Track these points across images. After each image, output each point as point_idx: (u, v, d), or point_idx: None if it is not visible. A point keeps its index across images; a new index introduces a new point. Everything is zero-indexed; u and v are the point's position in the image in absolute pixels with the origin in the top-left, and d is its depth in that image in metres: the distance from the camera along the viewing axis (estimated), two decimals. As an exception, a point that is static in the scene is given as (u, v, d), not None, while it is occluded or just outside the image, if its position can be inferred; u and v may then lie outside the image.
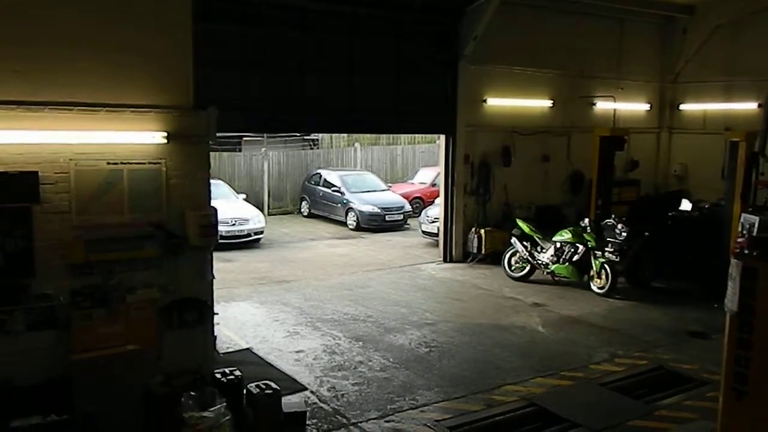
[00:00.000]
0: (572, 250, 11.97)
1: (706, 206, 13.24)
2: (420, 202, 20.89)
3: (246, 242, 15.93)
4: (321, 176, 21.02)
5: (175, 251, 6.66)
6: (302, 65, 11.92)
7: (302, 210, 21.59)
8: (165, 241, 6.60)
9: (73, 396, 6.03)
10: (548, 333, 9.78)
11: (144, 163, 6.59)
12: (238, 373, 6.72)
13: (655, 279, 12.29)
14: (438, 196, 15.60)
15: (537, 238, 12.48)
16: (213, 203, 7.15)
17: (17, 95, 5.94)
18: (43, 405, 5.89)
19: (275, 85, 11.62)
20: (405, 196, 20.50)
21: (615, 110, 15.79)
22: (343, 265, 14.14)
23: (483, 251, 13.90)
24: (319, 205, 20.73)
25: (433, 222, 15.79)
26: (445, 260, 14.28)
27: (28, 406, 5.84)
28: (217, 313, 7.74)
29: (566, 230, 12.14)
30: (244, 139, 24.04)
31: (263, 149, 22.19)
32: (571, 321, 10.33)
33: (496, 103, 14.27)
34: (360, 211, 18.87)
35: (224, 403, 5.96)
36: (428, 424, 6.85)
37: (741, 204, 10.84)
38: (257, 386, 6.49)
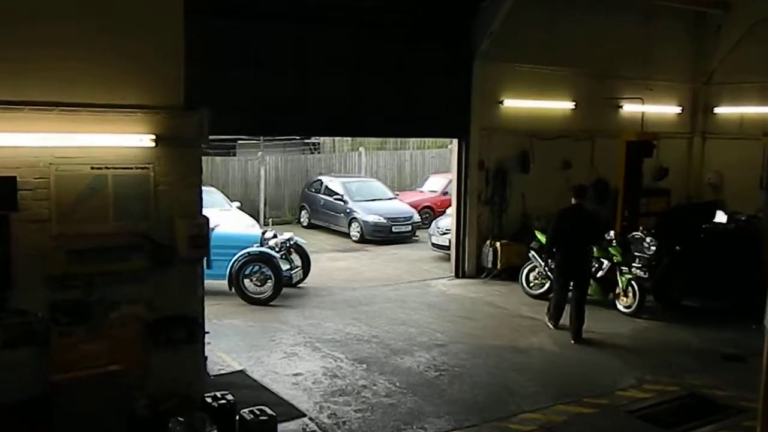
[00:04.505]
0: (596, 265, 11.92)
1: (743, 218, 13.18)
2: (430, 212, 20.89)
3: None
4: (322, 183, 21.07)
5: (164, 263, 6.68)
6: (304, 63, 11.97)
7: (301, 220, 21.62)
8: (152, 253, 6.62)
9: (51, 419, 6.04)
10: (569, 356, 9.73)
11: (130, 168, 6.63)
12: (230, 397, 6.71)
13: (687, 297, 12.22)
14: (449, 205, 15.61)
15: (557, 252, 12.43)
16: (204, 212, 7.17)
17: (-6, 95, 6.00)
18: (19, 427, 5.89)
19: (275, 85, 11.67)
20: (413, 205, 20.53)
21: (643, 113, 15.78)
22: (346, 280, 14.12)
23: (498, 266, 13.88)
24: (319, 214, 20.76)
25: (444, 234, 15.78)
26: (456, 276, 14.26)
27: (3, 427, 5.85)
28: (208, 332, 7.76)
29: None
30: (239, 142, 24.14)
31: (259, 153, 22.27)
32: (594, 343, 10.28)
33: (514, 104, 14.29)
34: (364, 222, 18.88)
35: (215, 430, 5.96)
36: (437, 455, 6.81)
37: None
38: (251, 412, 6.48)
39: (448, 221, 15.42)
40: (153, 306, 6.66)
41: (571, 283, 10.55)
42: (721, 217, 13.39)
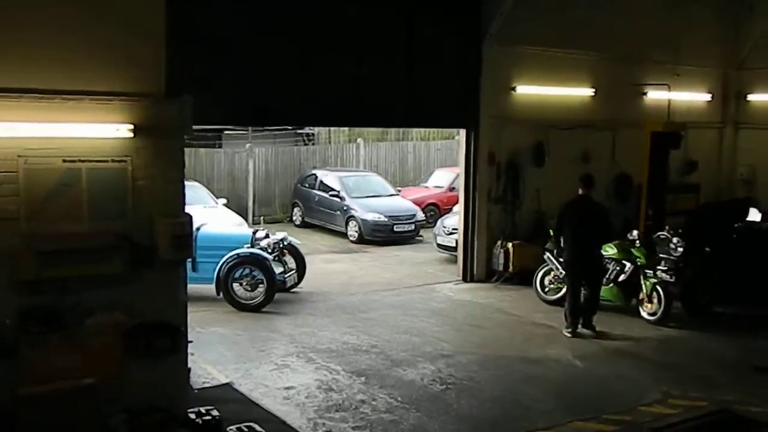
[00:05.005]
0: (617, 268, 11.94)
1: (779, 216, 13.21)
2: (435, 210, 20.92)
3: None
4: (317, 178, 21.07)
5: (143, 266, 6.70)
6: (299, 46, 11.90)
7: (294, 218, 21.63)
8: (131, 255, 6.64)
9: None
10: (588, 367, 9.74)
11: (106, 161, 6.64)
12: (216, 412, 6.73)
13: (717, 303, 12.23)
14: (457, 202, 15.61)
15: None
16: (188, 209, 7.18)
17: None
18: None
19: (266, 70, 11.61)
20: (417, 202, 20.54)
21: (669, 101, 15.78)
22: (343, 285, 14.13)
23: (510, 269, 13.88)
24: (314, 212, 20.78)
25: (451, 234, 15.79)
26: (464, 279, 14.28)
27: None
28: (191, 341, 7.77)
29: (610, 244, 12.11)
30: (225, 132, 24.15)
31: (248, 145, 22.28)
32: (615, 353, 10.28)
33: (528, 91, 14.29)
34: (363, 220, 18.90)
35: (199, 448, 5.99)
36: (443, 476, 6.83)
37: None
38: (239, 429, 6.50)
39: (455, 220, 15.42)
40: (132, 313, 6.68)
41: (583, 282, 10.66)
42: (755, 215, 13.41)
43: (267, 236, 12.94)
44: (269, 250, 12.57)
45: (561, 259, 11.65)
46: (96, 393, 6.37)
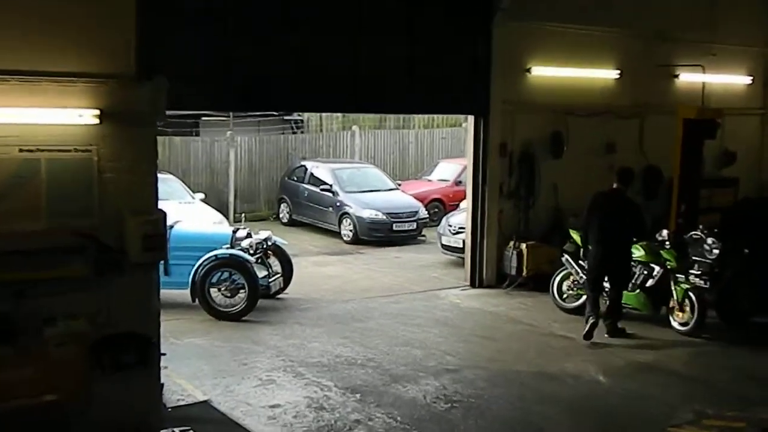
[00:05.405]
0: (645, 272, 11.94)
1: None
2: (440, 207, 20.96)
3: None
4: (306, 170, 21.11)
5: (111, 270, 6.70)
6: (287, 23, 11.89)
7: (281, 215, 21.68)
8: (97, 256, 6.65)
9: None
10: (611, 384, 9.75)
11: (69, 151, 6.65)
12: (192, 433, 6.74)
13: (758, 312, 12.24)
14: (464, 198, 15.63)
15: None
16: (161, 206, 7.18)
17: None
18: None
19: (252, 49, 11.61)
20: (419, 197, 20.59)
21: (704, 84, 15.80)
22: (336, 291, 14.14)
23: (524, 273, 13.90)
24: (303, 208, 20.80)
25: (458, 233, 15.81)
26: (472, 285, 14.30)
27: None
28: (164, 354, 7.77)
29: (637, 246, 12.12)
30: (204, 119, 24.15)
31: (229, 133, 22.27)
32: (642, 368, 10.30)
33: (544, 72, 14.30)
34: (359, 218, 18.93)
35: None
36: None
37: None
38: (217, 452, 6.51)
39: (461, 218, 15.44)
40: (98, 322, 6.68)
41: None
42: (800, 212, 13.42)
43: (249, 235, 12.95)
44: (251, 251, 12.58)
45: (584, 260, 11.69)
46: (56, 412, 6.37)
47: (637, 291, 11.99)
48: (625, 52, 15.14)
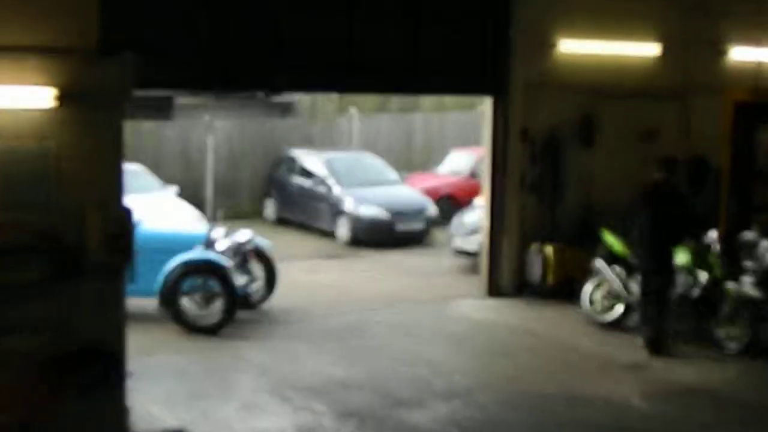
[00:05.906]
0: (690, 281, 11.96)
1: None
2: (451, 203, 20.86)
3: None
4: (296, 161, 21.13)
5: (70, 274, 6.71)
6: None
7: (266, 213, 21.70)
8: (53, 258, 6.65)
9: None
10: (649, 409, 9.75)
11: (22, 137, 6.64)
12: (162, 465, 6.76)
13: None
14: (479, 193, 15.64)
15: (636, 262, 12.50)
16: (128, 200, 7.20)
17: None
18: None
19: (236, 21, 11.64)
20: (428, 192, 20.63)
21: (759, 63, 15.80)
22: (329, 301, 14.16)
23: (549, 280, 13.92)
24: (292, 205, 20.85)
25: (472, 234, 15.84)
26: (489, 294, 14.31)
27: None
28: (131, 372, 7.79)
29: (681, 249, 12.14)
30: (178, 102, 24.12)
31: (207, 117, 22.25)
32: (684, 390, 10.30)
33: (573, 48, 14.26)
34: (357, 217, 18.96)
35: None
36: None
37: None
38: (192, 487, 6.53)
39: (477, 216, 15.47)
40: (54, 334, 6.69)
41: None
42: None
43: (227, 236, 12.96)
44: (230, 255, 12.60)
45: (628, 264, 11.78)
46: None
47: (681, 301, 12.00)
48: (667, 24, 15.09)
